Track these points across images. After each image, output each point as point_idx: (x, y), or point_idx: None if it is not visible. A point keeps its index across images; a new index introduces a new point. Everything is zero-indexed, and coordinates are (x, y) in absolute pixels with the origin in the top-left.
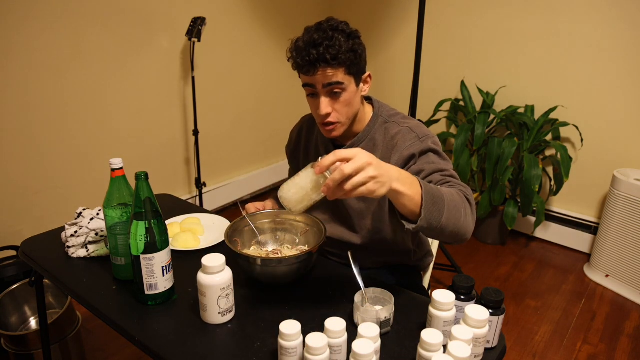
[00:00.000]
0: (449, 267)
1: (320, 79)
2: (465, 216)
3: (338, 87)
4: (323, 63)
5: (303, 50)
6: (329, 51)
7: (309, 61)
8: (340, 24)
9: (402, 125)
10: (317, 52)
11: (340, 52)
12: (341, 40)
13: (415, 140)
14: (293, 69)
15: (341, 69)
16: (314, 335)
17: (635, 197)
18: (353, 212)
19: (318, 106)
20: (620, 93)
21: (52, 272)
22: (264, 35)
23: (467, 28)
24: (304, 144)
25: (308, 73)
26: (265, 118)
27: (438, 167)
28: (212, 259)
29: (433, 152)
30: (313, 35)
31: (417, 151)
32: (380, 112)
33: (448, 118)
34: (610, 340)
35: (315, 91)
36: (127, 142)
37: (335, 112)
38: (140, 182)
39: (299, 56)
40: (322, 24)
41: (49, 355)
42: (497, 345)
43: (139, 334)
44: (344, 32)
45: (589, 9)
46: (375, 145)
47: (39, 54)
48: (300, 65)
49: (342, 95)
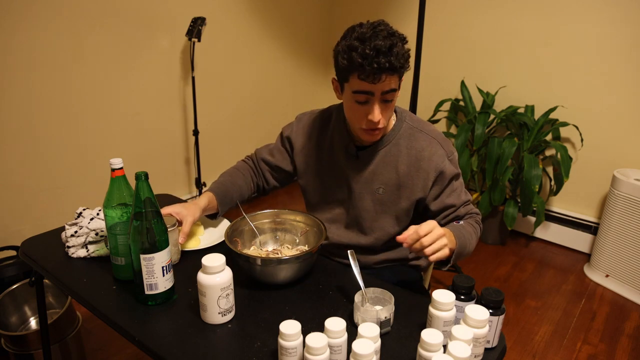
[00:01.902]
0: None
1: (381, 86)
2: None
3: (393, 94)
4: (390, 71)
5: (372, 58)
6: (398, 59)
7: (377, 69)
8: (391, 29)
9: (429, 134)
10: (387, 60)
11: (406, 60)
12: (401, 46)
13: (444, 158)
14: (345, 72)
15: (397, 76)
16: (314, 335)
17: (635, 197)
18: (366, 214)
19: (369, 112)
20: (620, 93)
21: (52, 272)
22: (264, 35)
23: (467, 28)
24: (315, 142)
25: (373, 81)
26: (265, 118)
27: (462, 199)
28: (212, 259)
29: (457, 177)
30: (377, 41)
31: (447, 176)
32: (403, 116)
33: (448, 118)
34: (610, 340)
35: (370, 98)
36: (127, 142)
37: (383, 117)
38: (140, 182)
39: (367, 63)
40: (377, 28)
41: (49, 355)
42: (497, 345)
43: (139, 334)
44: (400, 38)
45: (589, 9)
46: (399, 151)
47: (39, 54)
48: (366, 72)
49: (393, 101)
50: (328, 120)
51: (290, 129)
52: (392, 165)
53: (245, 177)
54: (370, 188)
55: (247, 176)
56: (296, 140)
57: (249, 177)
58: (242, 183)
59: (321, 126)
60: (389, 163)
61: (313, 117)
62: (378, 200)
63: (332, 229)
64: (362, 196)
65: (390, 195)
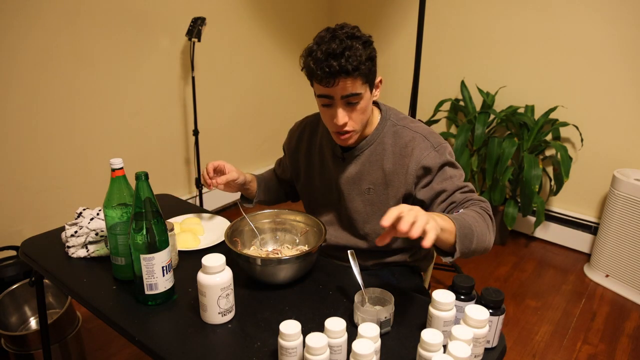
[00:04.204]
0: (449, 267)
1: (339, 90)
2: (489, 234)
3: (356, 98)
4: (344, 74)
5: (322, 62)
6: (351, 62)
7: (329, 73)
8: (354, 31)
9: (414, 130)
10: (338, 63)
11: (360, 62)
12: (360, 48)
13: (431, 150)
14: (308, 78)
15: (359, 79)
16: (314, 335)
17: (635, 197)
18: (358, 216)
19: (334, 116)
20: (621, 93)
21: (52, 272)
22: (264, 35)
23: (467, 28)
24: (306, 147)
25: (328, 84)
26: (265, 118)
27: (457, 184)
28: (212, 259)
29: (449, 164)
30: (331, 44)
31: (435, 164)
32: (388, 115)
33: (448, 118)
34: (610, 340)
35: (332, 102)
36: (127, 142)
37: (351, 120)
38: (140, 182)
39: (318, 67)
40: (336, 32)
41: (49, 355)
42: (497, 345)
43: (139, 334)
44: (360, 40)
45: (589, 8)
46: (384, 150)
47: (39, 54)
48: (319, 76)
49: (359, 104)
50: (317, 124)
51: (285, 143)
52: (378, 164)
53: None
54: (359, 189)
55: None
56: (289, 148)
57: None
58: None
59: (311, 130)
60: (375, 162)
61: (304, 124)
62: (368, 200)
63: (330, 231)
64: (351, 197)
65: (379, 195)
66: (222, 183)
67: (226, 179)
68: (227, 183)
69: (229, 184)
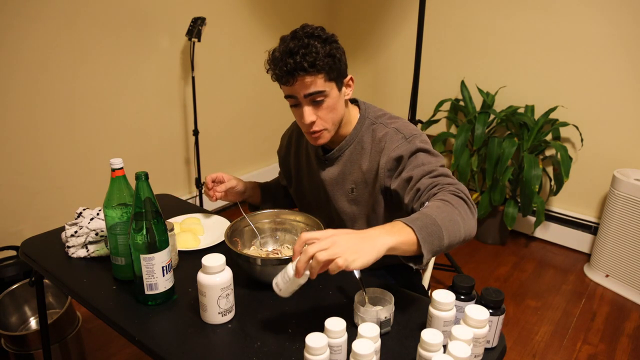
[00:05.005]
0: (449, 267)
1: (299, 88)
2: (464, 220)
3: (319, 95)
4: (301, 71)
5: (280, 61)
6: (306, 59)
7: (286, 71)
8: (315, 30)
9: (388, 126)
10: (294, 60)
11: (317, 58)
12: (317, 46)
13: (402, 141)
14: (272, 80)
15: (320, 76)
16: (314, 335)
17: (635, 197)
18: (345, 217)
19: (302, 115)
20: (621, 93)
21: (52, 272)
22: (264, 36)
23: (467, 28)
24: (294, 150)
25: (287, 83)
26: (265, 118)
27: (426, 169)
28: (212, 259)
29: (422, 150)
30: (289, 44)
31: (406, 153)
32: (366, 113)
33: (448, 118)
34: (610, 340)
35: (297, 101)
36: (127, 142)
37: (319, 119)
38: (140, 182)
39: (277, 67)
40: (297, 32)
41: (49, 355)
42: (497, 345)
43: (139, 334)
44: (320, 38)
45: (589, 8)
46: (363, 148)
47: (39, 54)
48: (278, 75)
49: (325, 102)
50: None
51: (278, 150)
52: (358, 164)
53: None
54: (343, 189)
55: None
56: (281, 153)
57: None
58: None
59: (298, 134)
60: (355, 162)
61: (292, 128)
62: (353, 200)
63: None
64: (336, 198)
65: (362, 194)
66: (222, 191)
67: (225, 187)
68: (227, 191)
69: (229, 191)
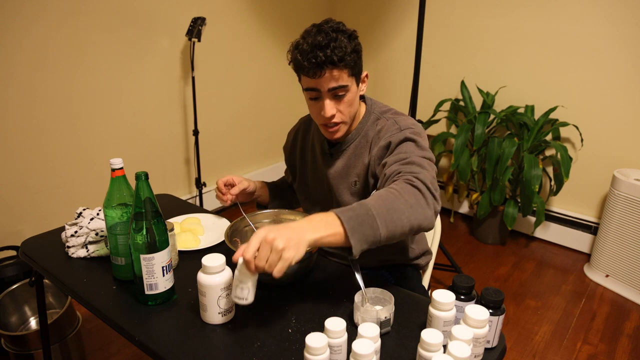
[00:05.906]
0: (449, 267)
1: (326, 81)
2: (412, 209)
3: (342, 90)
4: (330, 65)
5: (309, 53)
6: (336, 52)
7: (315, 64)
8: (339, 25)
9: (389, 119)
10: (324, 54)
11: (346, 53)
12: (344, 41)
13: (396, 131)
14: (296, 71)
15: (346, 71)
16: (314, 335)
17: (635, 197)
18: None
19: (322, 108)
20: (620, 93)
21: (52, 272)
22: (264, 36)
23: (467, 28)
24: (300, 146)
25: (314, 76)
26: (265, 118)
27: (402, 156)
28: (212, 259)
29: (410, 140)
30: (316, 37)
31: (394, 140)
32: (372, 108)
33: (448, 118)
34: (610, 340)
35: (320, 94)
36: (127, 142)
37: (339, 113)
38: (140, 182)
39: (305, 59)
40: (322, 26)
41: (49, 355)
42: (497, 345)
43: (139, 334)
44: (346, 33)
45: (589, 9)
46: (367, 142)
47: (39, 54)
48: (306, 68)
49: (346, 96)
50: (310, 123)
51: (284, 146)
52: (362, 157)
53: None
54: (347, 182)
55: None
56: (287, 149)
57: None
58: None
59: (305, 129)
60: (360, 155)
61: (299, 123)
62: (356, 193)
63: None
64: (340, 191)
65: (364, 187)
66: (236, 194)
67: (238, 189)
68: (239, 193)
69: (241, 193)
